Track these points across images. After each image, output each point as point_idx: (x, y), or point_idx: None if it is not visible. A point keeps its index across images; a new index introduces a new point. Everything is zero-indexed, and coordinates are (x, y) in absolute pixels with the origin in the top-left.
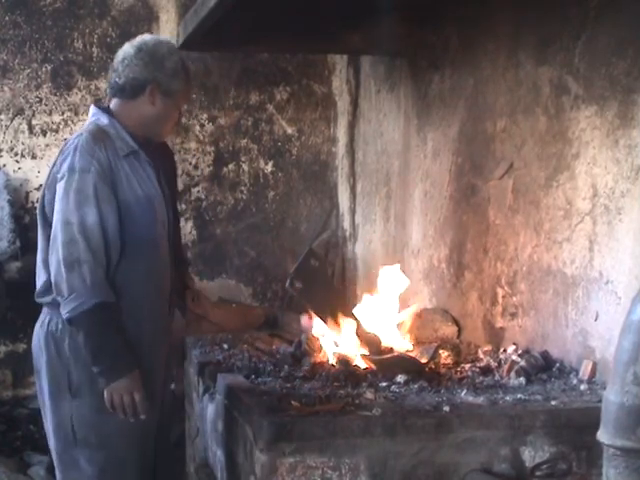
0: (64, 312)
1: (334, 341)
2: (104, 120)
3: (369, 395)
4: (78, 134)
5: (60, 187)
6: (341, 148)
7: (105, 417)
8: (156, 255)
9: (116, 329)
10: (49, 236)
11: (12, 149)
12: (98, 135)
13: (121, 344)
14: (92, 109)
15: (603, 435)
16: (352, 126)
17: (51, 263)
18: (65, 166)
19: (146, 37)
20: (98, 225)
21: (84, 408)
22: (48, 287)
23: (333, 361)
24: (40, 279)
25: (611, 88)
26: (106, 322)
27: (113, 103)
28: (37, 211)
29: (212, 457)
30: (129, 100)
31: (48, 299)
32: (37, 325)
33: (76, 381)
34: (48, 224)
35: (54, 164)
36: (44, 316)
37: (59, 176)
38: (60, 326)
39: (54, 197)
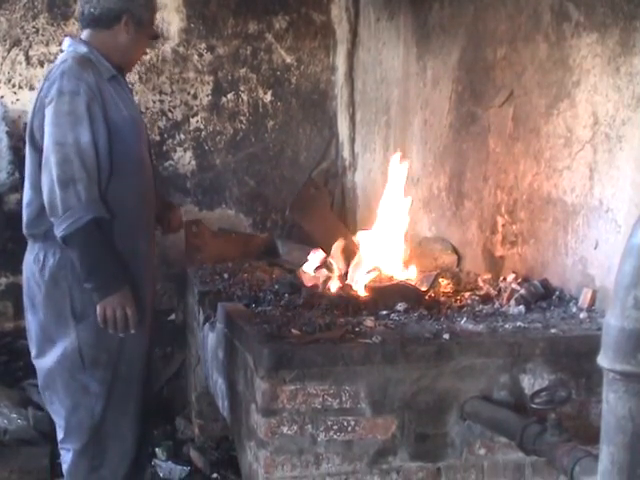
0: (59, 231)
1: (334, 269)
2: (83, 48)
3: (369, 323)
4: (62, 60)
5: (50, 110)
6: (340, 77)
7: (110, 334)
8: (143, 174)
9: (109, 245)
10: (39, 162)
11: (10, 80)
12: (82, 60)
13: (114, 260)
14: (67, 40)
15: (603, 360)
16: (351, 55)
17: (44, 184)
18: (54, 90)
19: None
20: (91, 144)
21: (90, 329)
22: (39, 213)
23: (333, 289)
24: (30, 206)
25: (613, 15)
26: (101, 238)
27: (86, 34)
28: (26, 137)
29: (213, 385)
30: (104, 30)
31: (40, 230)
32: (28, 261)
33: (79, 305)
34: (38, 149)
35: (41, 90)
36: (37, 252)
37: (47, 100)
38: (58, 256)
39: (43, 122)
